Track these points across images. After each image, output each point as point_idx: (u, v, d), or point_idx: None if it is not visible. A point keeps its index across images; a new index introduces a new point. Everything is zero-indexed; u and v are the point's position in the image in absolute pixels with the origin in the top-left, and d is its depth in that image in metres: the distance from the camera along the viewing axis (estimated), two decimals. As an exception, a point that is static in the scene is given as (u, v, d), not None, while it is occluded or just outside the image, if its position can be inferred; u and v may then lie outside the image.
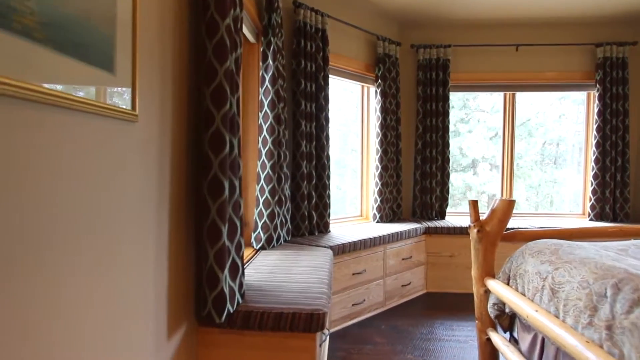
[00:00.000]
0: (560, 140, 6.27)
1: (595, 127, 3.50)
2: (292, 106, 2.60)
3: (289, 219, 2.45)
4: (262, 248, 2.18)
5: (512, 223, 3.20)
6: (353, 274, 2.56)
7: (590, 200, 3.55)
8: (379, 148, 3.30)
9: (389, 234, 2.81)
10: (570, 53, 3.55)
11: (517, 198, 6.04)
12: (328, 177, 2.78)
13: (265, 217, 2.17)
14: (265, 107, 2.19)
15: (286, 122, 2.40)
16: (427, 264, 3.25)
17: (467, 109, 6.76)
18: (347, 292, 2.53)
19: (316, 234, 2.69)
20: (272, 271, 1.77)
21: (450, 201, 3.62)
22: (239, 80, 1.36)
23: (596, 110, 3.49)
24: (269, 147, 2.17)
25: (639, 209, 3.53)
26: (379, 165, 3.30)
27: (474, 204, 1.91)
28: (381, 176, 3.29)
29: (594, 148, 3.51)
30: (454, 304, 2.98)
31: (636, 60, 3.46)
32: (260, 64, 2.20)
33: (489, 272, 1.92)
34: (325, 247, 2.33)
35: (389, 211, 3.38)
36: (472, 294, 2.02)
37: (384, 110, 3.30)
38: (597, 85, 3.46)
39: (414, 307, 2.96)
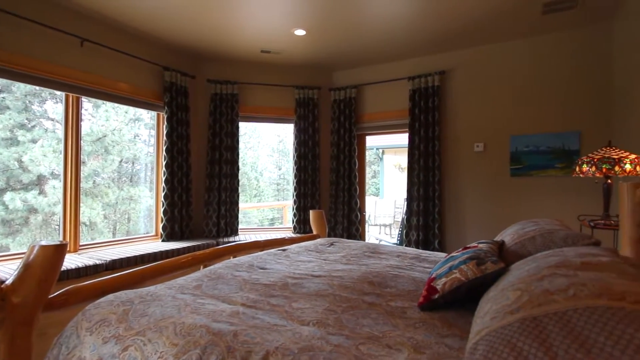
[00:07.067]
0: (135, 159, 6.73)
1: (165, 148, 3.54)
2: None
3: None
4: None
5: (68, 263, 2.48)
6: None
7: (162, 220, 3.54)
8: None
9: None
10: (143, 69, 3.39)
11: (94, 217, 5.50)
12: None
13: None
14: None
15: None
16: None
17: (29, 113, 5.64)
18: None
19: None
20: None
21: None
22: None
23: (165, 132, 3.54)
24: None
25: (199, 225, 3.95)
26: None
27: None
28: None
29: (164, 169, 3.54)
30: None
31: (193, 90, 3.88)
32: None
33: (20, 372, 1.14)
34: None
35: None
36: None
37: None
38: (166, 108, 3.53)
39: None
